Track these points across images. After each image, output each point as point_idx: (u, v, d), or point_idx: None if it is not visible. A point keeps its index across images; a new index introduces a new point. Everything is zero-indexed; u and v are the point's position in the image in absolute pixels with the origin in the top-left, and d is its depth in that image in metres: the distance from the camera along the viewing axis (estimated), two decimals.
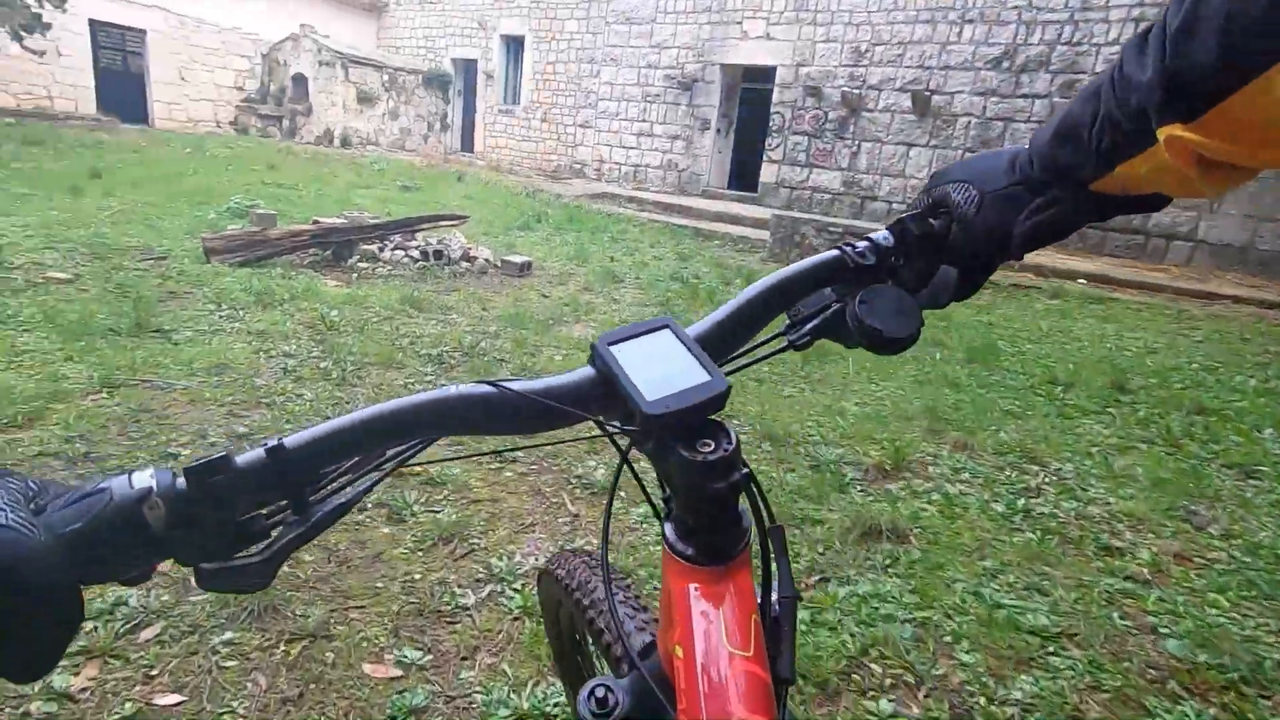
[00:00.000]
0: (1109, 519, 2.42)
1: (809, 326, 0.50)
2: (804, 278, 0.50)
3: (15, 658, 0.30)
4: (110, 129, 13.06)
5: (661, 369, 0.41)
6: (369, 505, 2.19)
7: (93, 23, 14.22)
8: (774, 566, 0.43)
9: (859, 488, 2.55)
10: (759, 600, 0.41)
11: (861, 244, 0.51)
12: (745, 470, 0.40)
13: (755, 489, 0.42)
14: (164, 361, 3.14)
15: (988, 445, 2.97)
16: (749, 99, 12.86)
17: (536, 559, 1.99)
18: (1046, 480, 2.69)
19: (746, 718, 0.35)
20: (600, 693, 0.48)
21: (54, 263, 4.52)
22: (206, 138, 14.02)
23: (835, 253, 0.50)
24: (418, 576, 1.88)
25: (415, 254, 5.84)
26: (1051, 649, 1.73)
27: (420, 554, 1.98)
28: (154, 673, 1.47)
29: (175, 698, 1.42)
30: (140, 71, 15.40)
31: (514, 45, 16.42)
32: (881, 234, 0.51)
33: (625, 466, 0.47)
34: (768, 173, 12.07)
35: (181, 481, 0.34)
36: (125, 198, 7.00)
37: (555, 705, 1.46)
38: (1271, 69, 0.29)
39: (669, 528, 0.43)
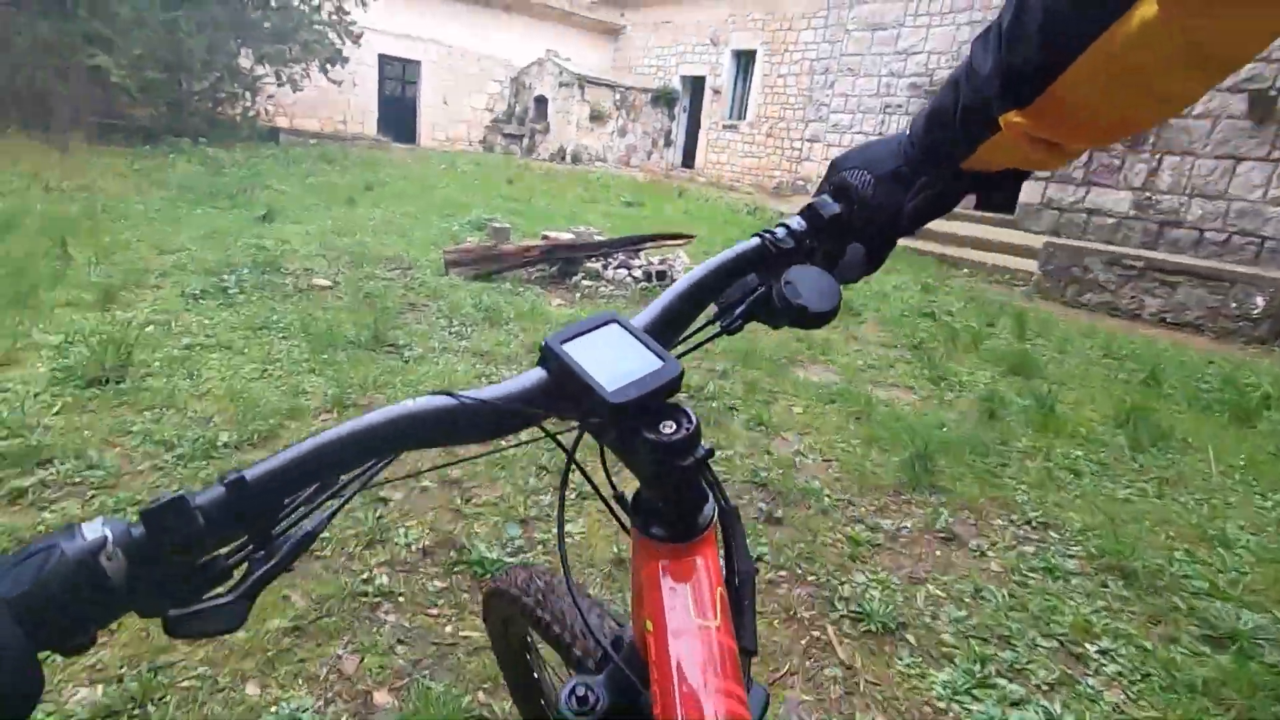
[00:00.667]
0: None
1: (739, 311, 0.50)
2: (730, 266, 0.51)
3: None
4: (385, 148, 14.91)
5: (617, 360, 0.41)
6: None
7: (381, 56, 16.43)
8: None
9: None
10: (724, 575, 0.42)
11: (779, 230, 0.53)
12: (708, 448, 0.40)
13: (709, 471, 0.42)
14: (392, 380, 3.05)
15: None
16: None
17: None
18: None
19: (717, 685, 0.35)
20: (580, 692, 0.46)
21: (320, 269, 4.86)
22: (459, 155, 15.46)
23: (756, 241, 0.52)
24: None
25: (638, 273, 5.56)
26: None
27: None
28: None
29: None
30: (413, 97, 17.52)
31: (744, 59, 16.12)
32: (795, 220, 0.53)
33: (578, 468, 0.46)
34: (1030, 192, 10.32)
35: (138, 528, 0.32)
36: (388, 209, 7.66)
37: None
38: (1077, 61, 0.34)
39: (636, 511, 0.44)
